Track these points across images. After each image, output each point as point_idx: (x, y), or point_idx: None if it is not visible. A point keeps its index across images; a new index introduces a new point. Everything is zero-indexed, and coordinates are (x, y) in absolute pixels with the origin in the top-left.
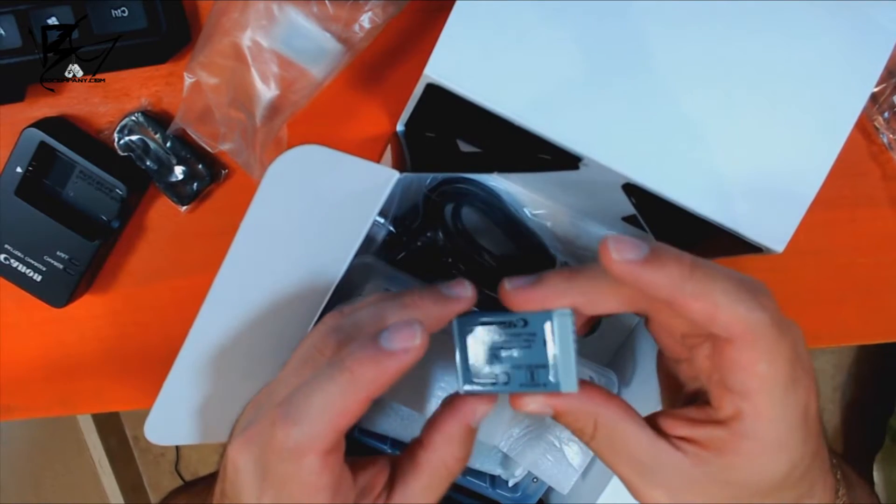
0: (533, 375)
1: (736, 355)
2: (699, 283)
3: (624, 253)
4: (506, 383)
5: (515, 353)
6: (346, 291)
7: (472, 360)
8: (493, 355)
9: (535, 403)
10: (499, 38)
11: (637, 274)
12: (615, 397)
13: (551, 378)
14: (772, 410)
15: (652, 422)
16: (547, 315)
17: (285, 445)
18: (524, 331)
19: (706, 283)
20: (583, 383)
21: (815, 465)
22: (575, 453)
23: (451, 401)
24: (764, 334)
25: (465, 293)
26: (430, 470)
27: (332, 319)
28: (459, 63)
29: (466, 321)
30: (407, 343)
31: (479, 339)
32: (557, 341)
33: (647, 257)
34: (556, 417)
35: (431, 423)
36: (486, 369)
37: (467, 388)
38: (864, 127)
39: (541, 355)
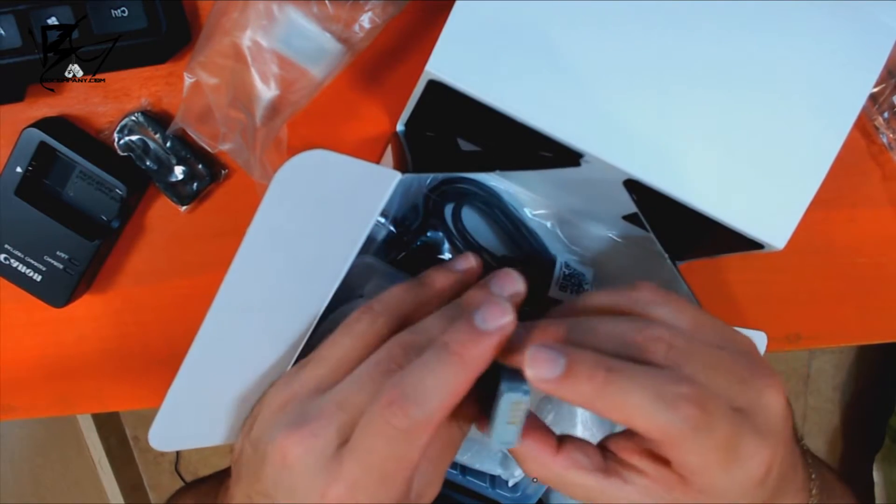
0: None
1: (665, 451)
2: (611, 398)
3: (539, 371)
4: None
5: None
6: (345, 291)
7: None
8: None
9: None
10: (500, 34)
11: (552, 389)
12: (563, 450)
13: (489, 430)
14: (718, 485)
15: (606, 448)
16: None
17: (401, 425)
18: None
19: (618, 397)
20: (530, 436)
21: (780, 486)
22: None
23: None
24: (684, 438)
25: (517, 287)
26: None
27: (386, 327)
28: (461, 59)
29: None
30: (501, 320)
31: None
32: (497, 415)
33: (559, 377)
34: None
35: None
36: None
37: None
38: (864, 127)
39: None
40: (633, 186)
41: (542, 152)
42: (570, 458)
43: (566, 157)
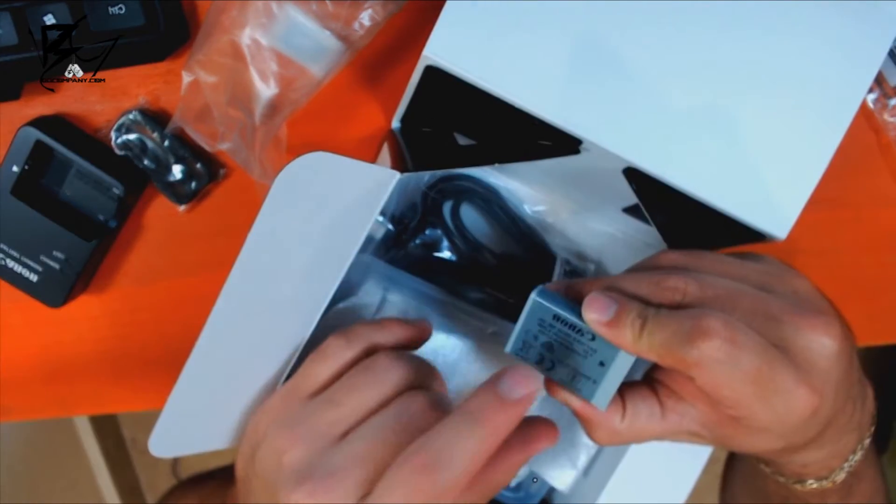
0: (573, 378)
1: (703, 386)
2: (646, 340)
3: (590, 313)
4: (549, 369)
5: (569, 353)
6: (344, 290)
7: (529, 333)
8: (549, 343)
9: (568, 401)
10: (498, 19)
11: (603, 332)
12: (627, 412)
13: (590, 392)
14: (761, 419)
15: (658, 380)
16: (615, 350)
17: (428, 490)
18: (589, 344)
19: (649, 338)
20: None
21: (833, 422)
22: (577, 453)
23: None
24: (710, 371)
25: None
26: None
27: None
28: (459, 44)
29: (544, 300)
30: (527, 389)
31: (545, 321)
32: (612, 371)
33: (608, 321)
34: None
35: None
36: (537, 348)
37: (513, 352)
38: (871, 125)
39: (592, 371)
40: (633, 175)
41: (542, 141)
42: (635, 419)
43: (565, 144)
